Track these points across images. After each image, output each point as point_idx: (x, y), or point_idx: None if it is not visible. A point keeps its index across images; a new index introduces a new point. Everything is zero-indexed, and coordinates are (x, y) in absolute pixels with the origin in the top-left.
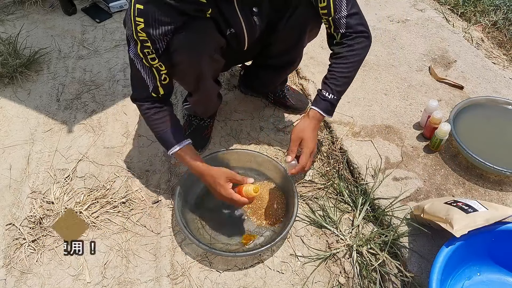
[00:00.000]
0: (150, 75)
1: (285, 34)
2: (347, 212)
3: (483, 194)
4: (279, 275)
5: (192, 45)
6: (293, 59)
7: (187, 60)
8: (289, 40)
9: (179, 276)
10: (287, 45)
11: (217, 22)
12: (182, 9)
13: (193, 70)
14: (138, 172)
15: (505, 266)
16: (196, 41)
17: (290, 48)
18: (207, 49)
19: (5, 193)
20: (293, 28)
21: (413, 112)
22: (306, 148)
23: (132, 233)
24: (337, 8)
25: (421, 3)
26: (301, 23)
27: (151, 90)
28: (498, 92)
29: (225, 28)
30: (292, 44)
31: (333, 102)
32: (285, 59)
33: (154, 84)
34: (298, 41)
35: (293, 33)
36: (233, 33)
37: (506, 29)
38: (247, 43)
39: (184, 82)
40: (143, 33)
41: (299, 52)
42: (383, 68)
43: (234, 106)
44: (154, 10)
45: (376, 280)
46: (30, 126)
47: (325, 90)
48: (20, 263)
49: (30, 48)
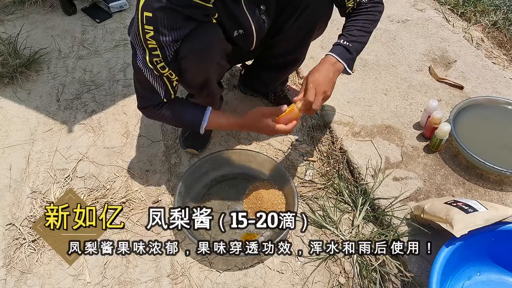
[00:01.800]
0: (161, 83)
1: (292, 33)
2: (347, 212)
3: (483, 194)
4: (279, 275)
5: (201, 52)
6: (297, 58)
7: (195, 66)
8: (296, 39)
9: (179, 276)
10: (293, 44)
11: (224, 26)
12: (190, 15)
13: (201, 76)
14: (138, 172)
15: (505, 266)
16: (205, 48)
17: (296, 47)
18: (215, 56)
19: (5, 193)
20: (301, 28)
21: (413, 112)
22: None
23: (132, 233)
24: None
25: (421, 3)
26: (310, 22)
27: (163, 96)
28: (498, 92)
29: (233, 30)
30: (298, 43)
31: (348, 49)
32: (289, 59)
33: (165, 91)
34: (304, 41)
35: (301, 33)
36: (241, 34)
37: (506, 29)
38: (255, 42)
39: (189, 87)
40: (152, 40)
41: (303, 52)
42: (383, 68)
43: (234, 106)
44: (163, 17)
45: (376, 280)
46: (30, 126)
47: (339, 39)
48: (20, 263)
49: (30, 48)
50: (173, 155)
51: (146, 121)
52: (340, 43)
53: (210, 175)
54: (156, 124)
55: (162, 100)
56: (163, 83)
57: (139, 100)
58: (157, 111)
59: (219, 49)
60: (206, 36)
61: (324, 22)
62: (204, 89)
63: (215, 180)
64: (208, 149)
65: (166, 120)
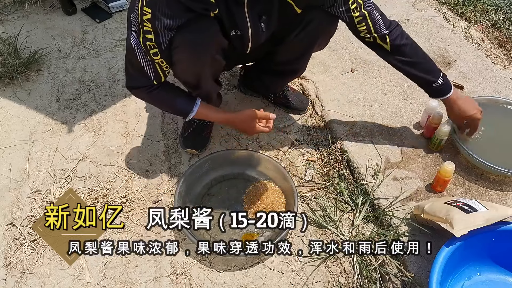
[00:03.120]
0: (152, 66)
1: (293, 45)
2: (347, 212)
3: (483, 194)
4: (279, 275)
5: (195, 43)
6: (297, 69)
7: (188, 58)
8: (296, 52)
9: (179, 276)
10: (293, 56)
11: (222, 22)
12: (190, 6)
13: (194, 68)
14: (138, 172)
15: (505, 266)
16: (199, 40)
17: (296, 59)
18: (209, 49)
19: (5, 193)
20: (301, 42)
21: (413, 112)
22: (473, 124)
23: (132, 233)
24: (376, 26)
25: (421, 3)
26: (311, 38)
27: (152, 78)
28: (498, 92)
29: (230, 29)
30: (298, 56)
31: (438, 82)
32: (289, 68)
33: (155, 73)
34: (304, 54)
35: (301, 46)
36: (238, 34)
37: (506, 29)
38: (250, 46)
39: (184, 81)
40: (148, 23)
41: (304, 63)
42: (383, 68)
43: (234, 106)
44: (162, 2)
45: (376, 280)
46: (30, 126)
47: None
48: (20, 263)
49: (30, 48)
50: (173, 155)
51: (146, 121)
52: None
53: (210, 175)
54: (156, 124)
55: (152, 83)
56: (153, 67)
57: (128, 79)
58: (148, 93)
59: (213, 41)
60: (200, 28)
61: (325, 39)
62: (200, 84)
63: (215, 180)
64: (208, 149)
65: (155, 103)
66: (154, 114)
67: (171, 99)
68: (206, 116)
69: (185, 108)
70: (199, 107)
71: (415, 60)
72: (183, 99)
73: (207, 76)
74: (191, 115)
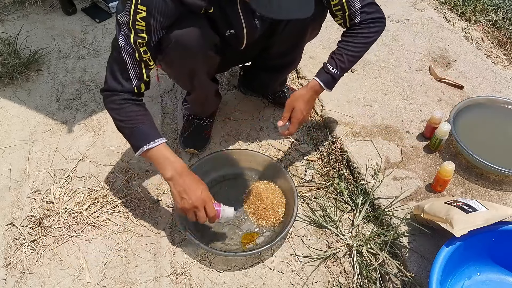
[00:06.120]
0: (138, 69)
1: (285, 36)
2: (347, 212)
3: (483, 194)
4: (279, 275)
5: (185, 40)
6: (293, 59)
7: (179, 55)
8: (289, 42)
9: (179, 276)
10: (287, 46)
11: (215, 21)
12: (185, 4)
13: (186, 66)
14: (138, 172)
15: (505, 266)
16: (189, 37)
17: (290, 49)
18: (199, 45)
19: (5, 193)
20: (292, 31)
21: (413, 112)
22: (294, 118)
23: (132, 233)
24: (350, 4)
25: (421, 3)
26: (300, 26)
27: (134, 85)
28: (498, 92)
29: (224, 29)
30: (291, 46)
31: (335, 76)
32: (285, 60)
33: (138, 79)
34: (298, 42)
35: (293, 35)
36: (232, 34)
37: (506, 29)
38: (245, 43)
39: (178, 79)
40: (142, 22)
41: (299, 53)
42: (383, 68)
43: (234, 106)
44: (159, 1)
45: (376, 280)
46: (30, 126)
47: (330, 64)
48: (20, 263)
49: (30, 48)
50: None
51: None
52: (329, 70)
53: (210, 175)
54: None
55: (131, 88)
56: (140, 70)
57: (108, 81)
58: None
59: (204, 37)
60: (190, 24)
61: (316, 26)
62: (194, 82)
63: (215, 180)
64: (208, 149)
65: (122, 112)
66: (154, 114)
67: (136, 121)
68: (164, 153)
69: (142, 138)
70: (155, 149)
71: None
72: (147, 130)
73: (200, 74)
74: (140, 151)
